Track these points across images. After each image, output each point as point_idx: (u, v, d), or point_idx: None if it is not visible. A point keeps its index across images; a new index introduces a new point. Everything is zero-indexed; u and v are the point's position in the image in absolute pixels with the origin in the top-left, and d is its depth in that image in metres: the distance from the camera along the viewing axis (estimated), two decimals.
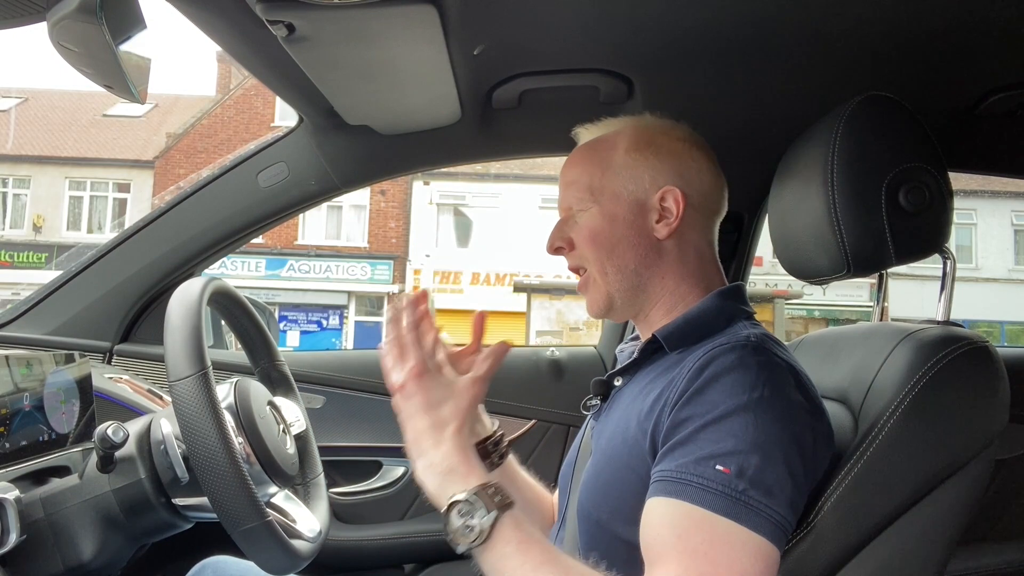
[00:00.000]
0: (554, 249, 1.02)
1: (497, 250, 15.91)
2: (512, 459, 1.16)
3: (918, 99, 1.03)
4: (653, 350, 0.96)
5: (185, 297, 0.98)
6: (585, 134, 1.05)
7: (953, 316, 1.00)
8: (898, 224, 0.92)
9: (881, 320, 1.17)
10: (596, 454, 0.95)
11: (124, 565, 1.07)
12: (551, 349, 1.80)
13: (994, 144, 1.53)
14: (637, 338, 1.06)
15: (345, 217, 16.58)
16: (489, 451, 1.13)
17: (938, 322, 0.99)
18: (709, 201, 1.00)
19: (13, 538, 0.90)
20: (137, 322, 1.61)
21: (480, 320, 1.12)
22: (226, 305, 1.17)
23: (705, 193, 0.99)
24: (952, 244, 0.99)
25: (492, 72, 1.35)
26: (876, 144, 0.94)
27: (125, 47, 0.85)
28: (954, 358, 0.85)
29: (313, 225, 16.38)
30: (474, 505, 0.77)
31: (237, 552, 0.97)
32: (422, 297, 1.11)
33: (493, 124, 1.52)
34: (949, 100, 1.40)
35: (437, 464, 0.81)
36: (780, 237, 1.08)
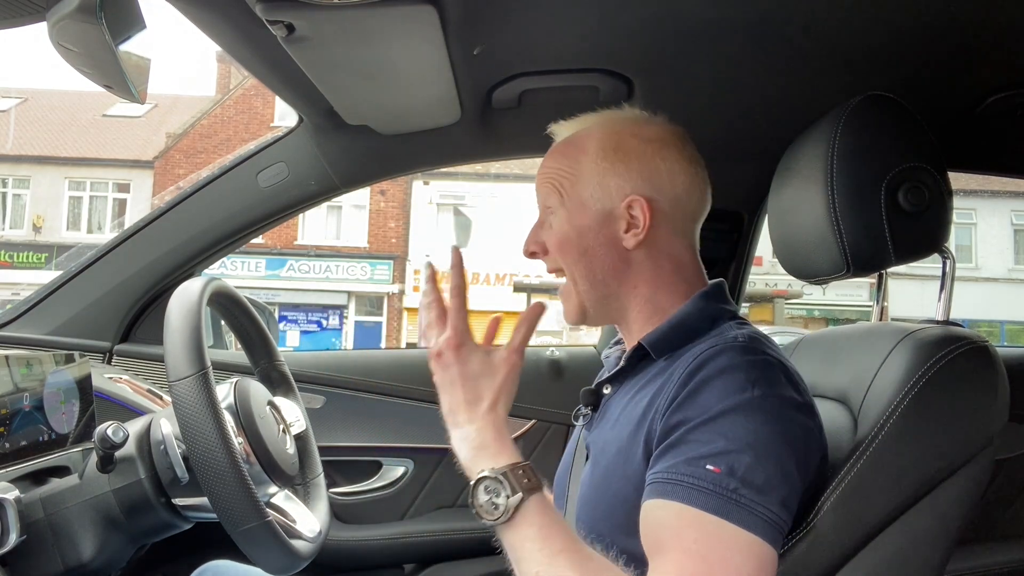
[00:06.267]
0: (529, 253, 1.00)
1: (497, 250, 15.92)
2: None
3: (918, 99, 1.03)
4: (640, 357, 0.94)
5: (185, 297, 0.98)
6: (560, 131, 1.02)
7: (953, 316, 1.00)
8: (898, 224, 0.92)
9: (880, 320, 1.17)
10: (591, 465, 0.94)
11: (124, 565, 1.07)
12: (551, 349, 1.80)
13: (994, 144, 1.53)
14: (620, 342, 1.05)
15: (345, 217, 16.59)
16: None
17: (938, 322, 0.99)
18: (683, 205, 0.95)
19: (13, 538, 0.90)
20: (137, 322, 1.61)
21: (494, 324, 1.11)
22: (226, 305, 1.17)
23: (677, 197, 0.95)
24: (952, 244, 0.99)
25: (492, 72, 1.34)
26: (876, 144, 0.94)
27: (125, 47, 0.85)
28: (954, 358, 0.85)
29: (313, 225, 16.39)
30: (502, 484, 0.79)
31: (237, 554, 0.97)
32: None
33: (493, 124, 1.52)
34: (949, 100, 1.40)
35: (471, 438, 0.84)
36: (780, 237, 1.08)
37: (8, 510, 0.91)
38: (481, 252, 16.25)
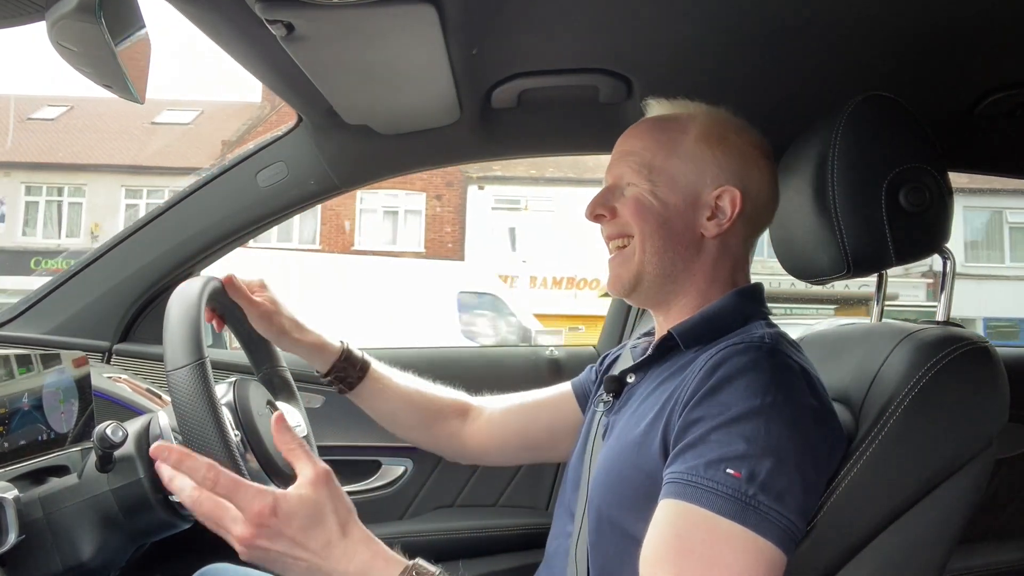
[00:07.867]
0: (594, 216, 0.99)
1: (553, 253, 15.86)
2: (375, 364, 1.18)
3: (918, 99, 1.03)
4: (668, 347, 0.95)
5: (185, 294, 0.98)
6: (655, 107, 1.02)
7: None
8: (898, 224, 0.93)
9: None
10: (607, 450, 0.95)
11: (123, 565, 1.06)
12: (550, 348, 1.80)
13: (994, 144, 1.53)
14: (648, 334, 1.05)
15: (401, 222, 16.63)
16: (347, 374, 1.15)
17: (938, 322, 0.99)
18: (761, 214, 0.98)
19: (12, 538, 0.90)
20: (136, 322, 1.60)
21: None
22: (226, 305, 1.17)
23: (760, 206, 0.97)
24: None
25: (491, 72, 1.34)
26: (876, 144, 0.94)
27: (123, 46, 0.84)
28: (954, 358, 0.85)
29: (369, 230, 16.41)
30: None
31: (235, 557, 0.97)
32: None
33: (492, 124, 1.51)
34: (949, 100, 1.40)
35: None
36: (780, 237, 1.08)
37: (7, 509, 0.90)
38: (538, 256, 16.22)
